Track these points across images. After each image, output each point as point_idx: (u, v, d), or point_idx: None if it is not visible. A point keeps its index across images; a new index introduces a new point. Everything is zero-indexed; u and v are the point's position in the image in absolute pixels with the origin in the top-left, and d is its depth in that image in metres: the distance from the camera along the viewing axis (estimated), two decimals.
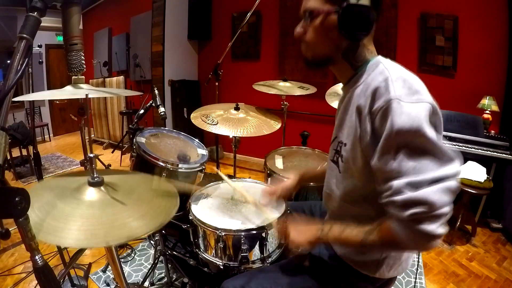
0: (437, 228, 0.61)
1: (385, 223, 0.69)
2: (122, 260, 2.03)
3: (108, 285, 1.78)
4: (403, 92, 0.65)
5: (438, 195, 0.60)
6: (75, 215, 0.73)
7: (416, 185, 0.61)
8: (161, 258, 1.63)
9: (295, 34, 0.82)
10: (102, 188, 0.83)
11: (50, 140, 5.71)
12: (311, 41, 0.79)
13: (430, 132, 0.62)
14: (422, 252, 2.19)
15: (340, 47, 0.77)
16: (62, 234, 0.67)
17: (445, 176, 0.61)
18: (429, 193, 0.60)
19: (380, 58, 0.78)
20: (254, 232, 1.13)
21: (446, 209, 0.61)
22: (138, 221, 0.74)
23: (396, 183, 0.63)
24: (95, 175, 0.82)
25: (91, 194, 0.81)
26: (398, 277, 0.94)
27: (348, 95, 0.82)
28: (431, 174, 0.61)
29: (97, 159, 0.82)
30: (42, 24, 0.64)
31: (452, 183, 0.61)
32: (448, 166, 0.63)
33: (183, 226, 1.37)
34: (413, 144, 0.62)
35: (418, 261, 2.10)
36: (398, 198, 0.63)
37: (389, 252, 0.84)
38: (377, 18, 0.74)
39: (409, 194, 0.61)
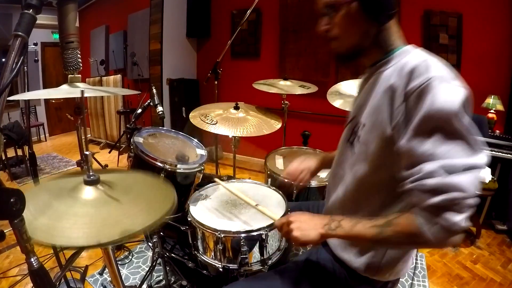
0: (463, 220, 0.59)
1: (405, 214, 0.66)
2: (120, 262, 2.03)
3: None
4: (444, 74, 0.65)
5: (470, 183, 0.59)
6: (68, 214, 0.73)
7: (449, 170, 0.59)
8: (159, 260, 1.63)
9: (320, 32, 0.81)
10: (98, 186, 0.83)
11: (46, 140, 5.71)
12: (340, 35, 0.78)
13: (467, 118, 0.63)
14: (440, 248, 2.14)
15: (369, 33, 0.76)
16: (54, 232, 0.67)
17: (476, 165, 0.61)
18: (462, 179, 0.59)
19: (412, 46, 0.78)
20: (254, 234, 1.13)
21: (474, 201, 0.60)
22: (132, 218, 0.75)
23: (428, 165, 0.61)
24: (91, 173, 0.82)
25: (87, 192, 0.81)
26: (401, 279, 0.94)
27: (374, 76, 0.81)
28: (464, 161, 0.60)
29: (94, 160, 0.82)
30: (37, 22, 0.64)
31: (481, 175, 0.63)
32: (479, 155, 0.62)
33: (182, 228, 1.37)
34: (450, 127, 0.61)
35: (422, 264, 2.10)
36: (429, 181, 0.60)
37: (404, 248, 0.83)
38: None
39: (441, 178, 0.59)
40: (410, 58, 0.72)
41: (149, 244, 1.70)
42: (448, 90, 0.62)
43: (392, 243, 0.72)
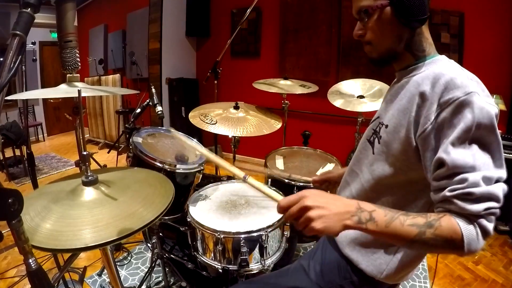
0: (492, 228, 0.64)
1: (443, 217, 0.65)
2: (118, 263, 2.03)
3: None
4: (480, 90, 0.67)
5: (502, 193, 0.64)
6: (67, 216, 0.73)
7: (488, 181, 0.63)
8: (158, 261, 1.63)
9: (356, 37, 0.83)
10: (96, 186, 0.83)
11: (44, 140, 5.72)
12: (374, 39, 0.81)
13: (498, 133, 0.66)
14: (467, 256, 2.22)
15: (402, 38, 0.79)
16: (53, 236, 0.67)
17: (503, 177, 0.66)
18: (498, 189, 0.63)
19: (445, 56, 0.81)
20: (254, 234, 1.13)
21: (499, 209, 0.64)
22: (130, 217, 0.75)
23: (472, 176, 0.63)
24: (89, 174, 0.82)
25: (86, 193, 0.81)
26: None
27: (402, 80, 0.83)
28: (496, 173, 0.65)
29: (92, 159, 0.82)
30: (36, 21, 0.64)
31: (505, 186, 0.65)
32: (504, 167, 0.67)
33: (181, 229, 1.37)
34: (485, 140, 0.65)
35: (423, 265, 2.10)
36: (476, 190, 0.62)
37: (432, 253, 0.84)
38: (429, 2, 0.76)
39: (486, 187, 0.63)
40: (444, 68, 0.73)
41: (148, 245, 1.70)
42: (486, 105, 0.65)
43: (427, 246, 0.65)
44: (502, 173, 0.66)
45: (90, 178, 0.83)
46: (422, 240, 0.63)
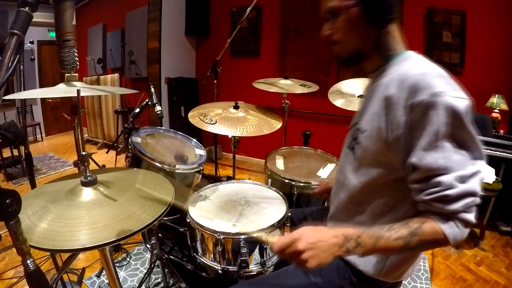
0: (473, 216, 0.68)
1: (426, 222, 0.69)
2: (117, 264, 2.03)
3: None
4: (446, 87, 0.67)
5: (478, 187, 0.67)
6: (66, 216, 0.73)
7: (462, 179, 0.66)
8: (158, 262, 1.63)
9: (323, 37, 0.85)
10: (95, 187, 0.83)
11: (42, 140, 5.72)
12: (341, 39, 0.82)
13: (470, 125, 0.67)
14: (457, 244, 2.24)
15: (369, 38, 0.80)
16: (51, 236, 0.67)
17: (480, 170, 0.68)
18: (473, 185, 0.66)
19: (411, 52, 0.81)
20: (254, 235, 1.13)
21: (480, 199, 0.68)
22: (130, 218, 0.75)
23: (445, 178, 0.66)
24: (88, 174, 0.82)
25: (85, 194, 0.81)
26: (404, 282, 0.94)
27: (374, 83, 0.84)
28: (471, 169, 0.67)
29: (91, 160, 0.83)
30: (34, 20, 0.64)
31: (483, 175, 0.68)
32: (482, 160, 0.69)
33: (180, 229, 1.37)
34: (458, 137, 0.67)
35: (425, 266, 2.10)
36: (451, 192, 0.65)
37: (424, 251, 0.86)
38: (400, 2, 0.78)
39: (461, 187, 0.65)
40: (410, 69, 0.74)
41: (147, 245, 1.70)
42: (453, 102, 0.65)
43: (416, 250, 0.74)
44: (480, 165, 0.68)
45: (89, 178, 0.83)
46: (410, 248, 0.69)
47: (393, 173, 0.77)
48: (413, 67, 0.74)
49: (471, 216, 0.67)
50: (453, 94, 0.66)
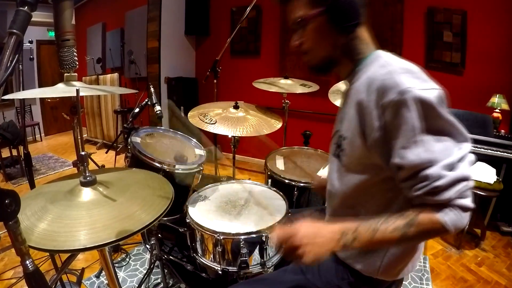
0: (470, 201, 0.67)
1: (422, 212, 0.68)
2: (117, 265, 2.03)
3: None
4: (413, 82, 0.67)
5: (468, 170, 0.67)
6: (65, 217, 0.73)
7: (450, 167, 0.66)
8: (157, 263, 1.63)
9: (293, 47, 0.86)
10: (95, 187, 0.83)
11: (41, 140, 5.71)
12: (310, 49, 0.84)
13: (445, 113, 0.67)
14: (458, 231, 2.27)
15: (338, 44, 0.81)
16: (50, 236, 0.67)
17: (467, 153, 0.68)
18: (462, 170, 0.66)
19: (380, 52, 0.81)
20: (254, 235, 1.13)
21: (473, 182, 0.68)
22: (129, 218, 0.75)
23: (432, 170, 0.65)
24: (87, 174, 0.82)
25: (84, 194, 0.81)
26: (404, 282, 0.94)
27: (348, 89, 0.85)
28: (457, 154, 0.66)
29: (90, 160, 0.83)
30: (33, 19, 0.64)
31: (472, 156, 0.68)
32: (466, 142, 0.69)
33: (180, 230, 1.37)
34: (436, 127, 0.67)
35: (425, 266, 2.10)
36: (441, 182, 0.65)
37: (424, 241, 0.86)
38: (365, 4, 0.78)
39: (450, 175, 0.65)
40: (376, 70, 0.75)
41: (147, 246, 1.70)
42: (422, 95, 0.65)
43: (414, 240, 0.74)
44: (465, 148, 0.68)
45: (88, 178, 0.83)
46: (408, 238, 0.69)
47: (380, 174, 0.77)
48: (380, 68, 0.74)
49: (467, 201, 0.66)
50: (421, 87, 0.67)
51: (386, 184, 0.78)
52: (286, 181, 1.58)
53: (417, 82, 0.67)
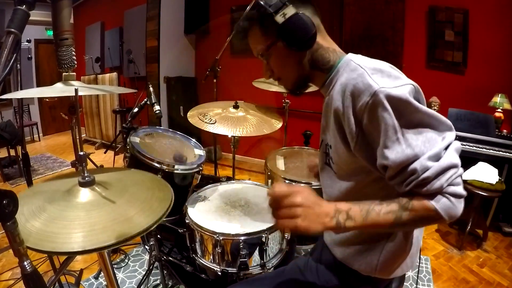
0: (462, 187, 0.67)
1: (416, 199, 0.68)
2: (115, 266, 2.03)
3: None
4: (385, 81, 0.68)
5: (455, 157, 0.67)
6: (63, 217, 0.73)
7: (436, 157, 0.66)
8: (156, 264, 1.63)
9: (267, 78, 0.92)
10: (93, 188, 0.83)
11: (39, 140, 5.72)
12: (282, 75, 0.89)
13: (423, 107, 0.67)
14: (453, 220, 2.27)
15: (303, 62, 0.84)
16: (48, 237, 0.67)
17: (451, 140, 0.68)
18: (450, 158, 0.66)
19: (350, 55, 0.83)
20: (254, 236, 1.13)
21: (462, 169, 0.68)
22: (128, 220, 0.75)
23: (418, 163, 0.65)
24: (85, 175, 0.82)
25: (82, 195, 0.81)
26: (406, 284, 0.94)
27: (326, 98, 0.87)
28: (441, 144, 0.67)
29: (89, 160, 0.83)
30: (31, 18, 0.64)
31: (457, 143, 0.68)
32: (450, 131, 0.69)
33: (179, 231, 1.37)
34: (415, 121, 0.67)
35: (427, 267, 2.10)
36: (429, 173, 0.65)
37: (418, 228, 0.86)
38: (316, 11, 0.82)
39: (436, 165, 0.65)
40: (348, 74, 0.76)
41: (146, 247, 1.70)
42: (394, 93, 0.66)
43: (408, 226, 0.73)
44: (449, 136, 0.68)
45: (87, 179, 0.83)
46: (401, 223, 0.69)
47: (371, 174, 0.78)
48: (351, 72, 0.75)
49: (458, 188, 0.66)
50: (393, 85, 0.67)
51: (378, 183, 0.79)
52: (287, 181, 1.58)
53: (388, 81, 0.68)
